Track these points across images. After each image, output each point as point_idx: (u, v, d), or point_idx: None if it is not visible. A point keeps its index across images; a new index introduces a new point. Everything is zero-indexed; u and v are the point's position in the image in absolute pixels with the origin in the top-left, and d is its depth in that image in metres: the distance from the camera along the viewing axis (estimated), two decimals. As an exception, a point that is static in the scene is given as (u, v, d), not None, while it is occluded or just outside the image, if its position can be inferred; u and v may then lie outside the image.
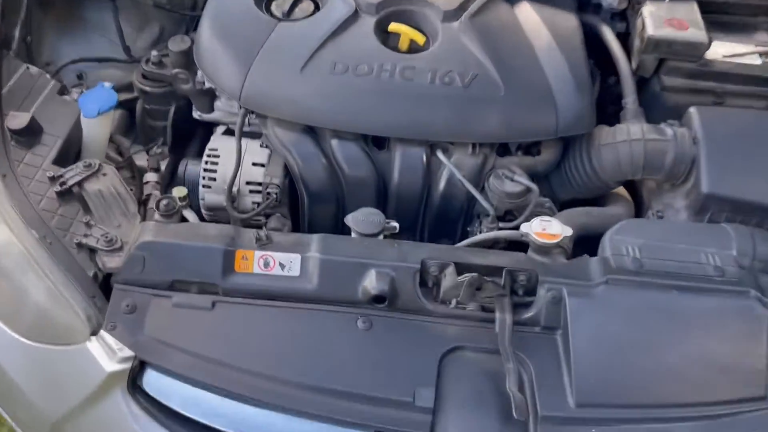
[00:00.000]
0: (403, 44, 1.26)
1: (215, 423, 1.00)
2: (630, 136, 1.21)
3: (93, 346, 1.00)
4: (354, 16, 1.25)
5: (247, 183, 1.25)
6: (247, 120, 1.26)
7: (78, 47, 1.47)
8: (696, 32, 1.26)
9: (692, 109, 1.23)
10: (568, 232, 1.08)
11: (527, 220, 1.12)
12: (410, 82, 1.18)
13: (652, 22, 1.28)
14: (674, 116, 1.27)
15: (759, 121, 1.23)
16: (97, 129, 1.23)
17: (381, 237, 1.12)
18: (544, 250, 1.08)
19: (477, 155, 1.20)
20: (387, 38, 1.26)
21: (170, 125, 1.38)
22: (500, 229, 1.19)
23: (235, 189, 1.24)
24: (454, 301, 1.05)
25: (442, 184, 1.22)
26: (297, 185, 1.24)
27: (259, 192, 1.24)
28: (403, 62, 1.20)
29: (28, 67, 1.25)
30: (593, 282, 1.03)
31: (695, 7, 1.33)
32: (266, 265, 1.05)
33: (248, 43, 1.22)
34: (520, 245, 1.13)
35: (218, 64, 1.23)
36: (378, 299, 1.03)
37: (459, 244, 1.16)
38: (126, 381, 1.00)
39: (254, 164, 1.26)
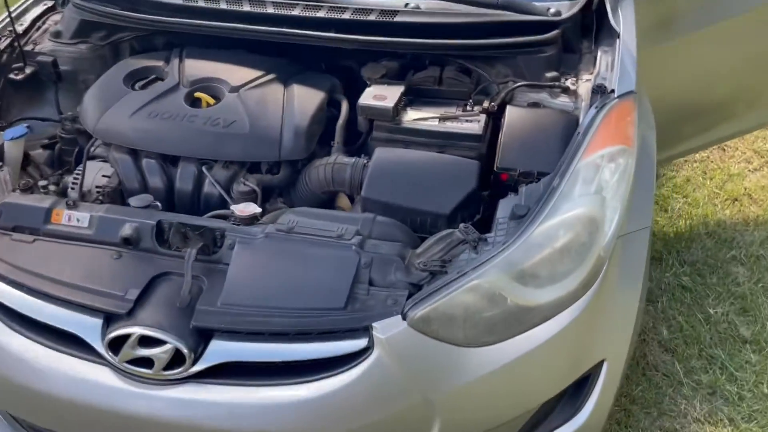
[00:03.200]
0: (204, 104, 1.98)
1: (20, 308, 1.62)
2: (326, 161, 1.85)
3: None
4: (175, 87, 2.00)
5: (96, 186, 1.94)
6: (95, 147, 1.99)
7: (33, 111, 2.28)
8: (388, 103, 1.91)
9: (377, 149, 1.84)
10: (258, 210, 1.69)
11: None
12: (192, 123, 1.89)
13: (364, 96, 1.95)
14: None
15: (415, 156, 1.82)
16: (11, 149, 1.99)
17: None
18: (243, 220, 1.69)
19: (229, 169, 1.86)
20: (196, 101, 1.99)
21: (74, 158, 2.13)
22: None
23: (86, 189, 1.93)
24: (175, 247, 1.66)
25: (205, 188, 1.87)
26: (123, 188, 1.93)
27: (103, 193, 1.93)
28: (192, 113, 1.92)
29: None
30: (257, 236, 1.62)
31: (401, 88, 1.99)
32: (69, 219, 1.72)
33: (106, 103, 1.98)
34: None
35: (88, 113, 1.99)
36: (126, 241, 1.65)
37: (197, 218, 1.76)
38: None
39: (104, 176, 1.96)
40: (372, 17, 2.00)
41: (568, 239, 1.55)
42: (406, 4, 2.04)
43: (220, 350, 1.51)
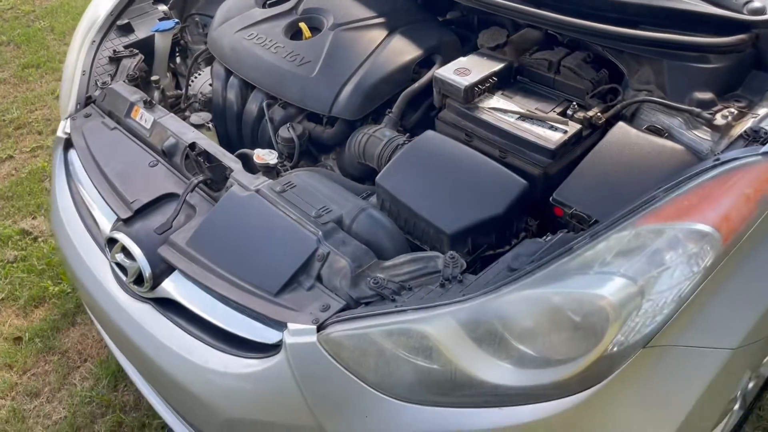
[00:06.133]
0: (304, 36, 1.88)
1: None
2: (367, 130, 1.62)
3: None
4: (288, 13, 1.93)
5: (200, 93, 2.03)
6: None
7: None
8: (463, 79, 1.57)
9: (425, 133, 1.55)
10: (273, 160, 1.59)
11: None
12: (273, 54, 1.81)
13: (446, 67, 1.63)
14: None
15: (458, 153, 1.48)
16: (159, 40, 2.17)
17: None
18: (262, 167, 1.61)
19: (286, 110, 1.77)
20: (298, 31, 1.90)
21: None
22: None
23: (193, 92, 2.04)
24: (194, 172, 1.67)
25: (266, 122, 1.81)
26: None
27: (199, 101, 2.02)
28: (282, 43, 1.84)
29: (153, 2, 2.27)
30: (251, 188, 1.52)
31: (496, 67, 1.61)
32: (140, 117, 1.84)
33: (229, 14, 2.01)
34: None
35: (214, 21, 2.05)
36: (164, 153, 1.71)
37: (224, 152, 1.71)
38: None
39: (210, 84, 2.03)
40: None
41: (558, 320, 1.14)
42: None
43: (172, 286, 1.51)
